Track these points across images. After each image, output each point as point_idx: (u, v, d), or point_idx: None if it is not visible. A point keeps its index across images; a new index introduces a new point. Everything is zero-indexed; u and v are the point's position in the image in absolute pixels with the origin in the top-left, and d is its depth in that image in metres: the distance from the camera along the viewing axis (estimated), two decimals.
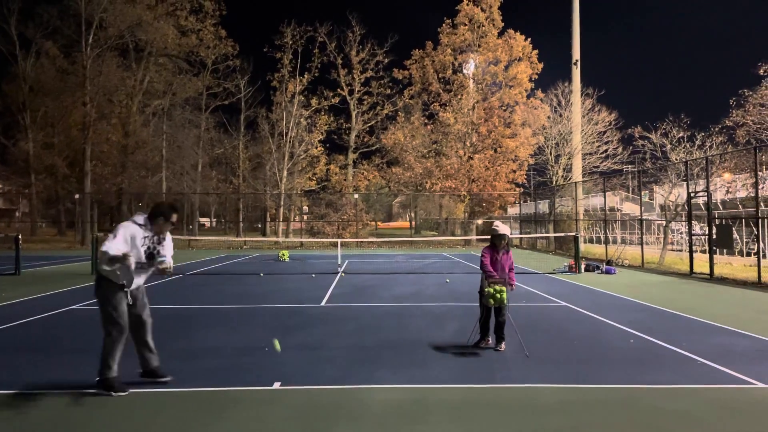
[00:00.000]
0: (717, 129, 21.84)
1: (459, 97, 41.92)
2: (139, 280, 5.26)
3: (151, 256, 5.19)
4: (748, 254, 22.66)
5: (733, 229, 18.14)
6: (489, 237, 6.98)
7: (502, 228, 6.87)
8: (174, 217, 5.31)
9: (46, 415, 4.60)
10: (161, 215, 5.23)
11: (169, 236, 5.46)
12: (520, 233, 36.70)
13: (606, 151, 34.06)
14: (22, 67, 40.25)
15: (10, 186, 46.90)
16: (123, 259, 4.87)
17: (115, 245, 4.89)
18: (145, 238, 5.15)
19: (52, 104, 39.68)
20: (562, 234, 24.91)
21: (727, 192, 22.86)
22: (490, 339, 6.91)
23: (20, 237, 17.21)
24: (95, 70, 36.63)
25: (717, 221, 17.42)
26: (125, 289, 5.14)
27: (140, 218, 5.22)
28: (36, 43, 40.36)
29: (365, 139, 46.86)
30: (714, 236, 15.87)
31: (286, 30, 41.94)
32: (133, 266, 4.97)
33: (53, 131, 40.90)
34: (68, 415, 4.59)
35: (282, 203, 40.82)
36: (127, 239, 5.02)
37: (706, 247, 17.44)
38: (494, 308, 6.71)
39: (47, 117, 41.43)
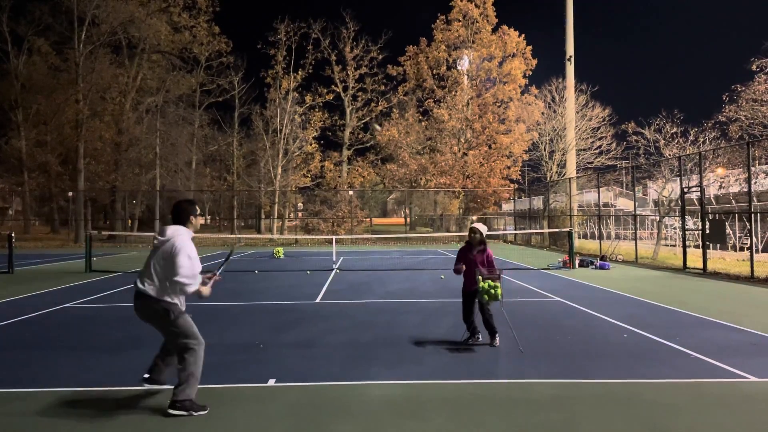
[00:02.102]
0: (710, 124, 21.97)
1: (453, 93, 41.93)
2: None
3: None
4: (741, 249, 22.79)
5: (726, 224, 18.22)
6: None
7: (477, 224, 6.93)
8: (198, 209, 4.91)
9: (42, 413, 4.58)
10: (189, 214, 4.78)
11: None
12: (515, 229, 36.77)
13: (600, 146, 34.20)
14: (14, 64, 39.96)
15: (3, 184, 46.60)
16: (199, 292, 4.53)
17: (192, 276, 4.43)
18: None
19: (45, 102, 39.40)
20: (557, 230, 24.95)
21: (720, 187, 22.96)
22: (479, 336, 6.91)
23: (13, 235, 17.13)
24: (88, 67, 36.41)
25: (710, 216, 17.49)
26: (180, 306, 4.68)
27: (182, 229, 4.67)
28: (28, 40, 40.06)
29: (359, 136, 46.84)
30: (707, 231, 15.94)
31: (280, 26, 41.81)
32: (208, 289, 4.66)
33: (46, 129, 40.60)
34: (64, 413, 4.57)
35: (276, 200, 40.75)
36: (194, 261, 4.53)
37: (700, 242, 17.52)
38: (479, 305, 6.70)
39: (40, 114, 41.14)
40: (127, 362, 6.10)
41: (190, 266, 4.47)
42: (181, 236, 4.58)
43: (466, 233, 7.15)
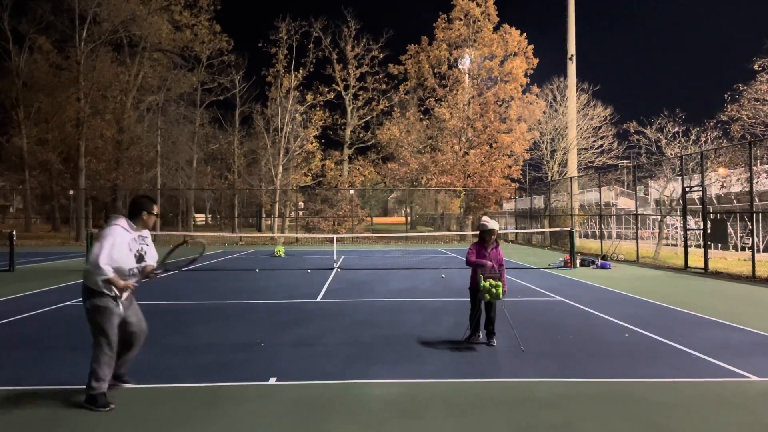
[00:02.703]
0: (712, 124, 21.92)
1: (454, 92, 41.88)
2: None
3: (141, 258, 4.83)
4: (743, 249, 22.76)
5: (728, 223, 18.19)
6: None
7: (492, 223, 6.83)
8: (156, 209, 4.95)
9: (41, 412, 4.58)
10: (143, 210, 4.84)
11: (147, 233, 5.04)
12: (516, 228, 36.76)
13: (601, 146, 34.20)
14: (16, 62, 39.95)
15: (4, 182, 46.63)
16: (111, 282, 4.54)
17: (104, 263, 4.49)
18: (131, 241, 4.74)
19: (46, 100, 39.43)
20: (558, 229, 24.93)
21: (722, 187, 22.92)
22: (480, 334, 6.91)
23: (14, 233, 17.14)
24: (89, 65, 36.41)
25: (712, 216, 17.47)
26: (117, 300, 4.70)
27: (123, 221, 4.77)
28: (29, 38, 40.05)
29: (360, 135, 46.82)
30: (709, 231, 15.92)
31: (281, 25, 41.77)
32: (122, 284, 4.63)
33: (47, 127, 40.59)
34: (64, 412, 4.57)
35: (277, 199, 40.74)
36: (114, 250, 4.58)
37: (701, 242, 17.50)
38: (485, 303, 6.71)
39: (41, 113, 41.16)
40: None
41: (103, 255, 4.50)
42: (112, 226, 4.68)
43: (467, 232, 7.12)
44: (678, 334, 7.35)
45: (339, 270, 16.51)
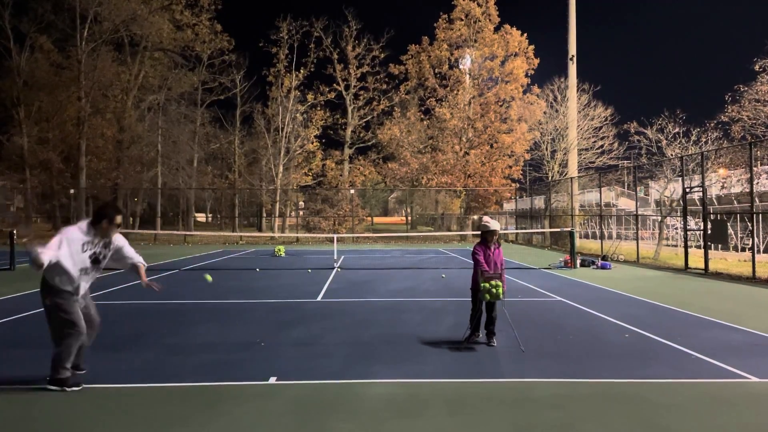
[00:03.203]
0: (712, 124, 21.92)
1: (455, 92, 41.88)
2: (85, 285, 5.16)
3: (97, 260, 5.11)
4: (743, 249, 22.75)
5: (728, 224, 18.20)
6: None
7: (493, 224, 6.90)
8: (118, 219, 5.15)
9: (41, 410, 4.59)
10: (104, 217, 5.09)
11: (121, 238, 5.38)
12: (516, 228, 36.76)
13: (602, 146, 34.18)
14: (16, 61, 39.91)
15: (5, 181, 46.59)
16: (38, 267, 4.72)
17: (45, 251, 4.72)
18: (86, 243, 5.02)
19: (47, 99, 39.40)
20: (558, 229, 24.93)
21: (722, 187, 22.94)
22: (480, 334, 6.92)
23: (15, 232, 17.14)
24: (90, 64, 36.42)
25: (712, 216, 17.46)
26: (74, 296, 5.01)
27: (83, 223, 5.13)
28: (30, 37, 40.00)
29: (361, 135, 46.81)
30: (709, 231, 15.92)
31: (282, 25, 41.81)
32: (74, 275, 4.94)
33: (48, 126, 40.57)
34: (63, 411, 4.57)
35: (278, 198, 40.76)
36: (61, 245, 4.87)
37: (701, 243, 17.49)
38: (487, 304, 6.73)
39: (42, 112, 41.13)
40: (127, 359, 6.11)
41: (51, 246, 4.81)
42: (65, 227, 5.09)
43: (467, 232, 7.15)
44: (678, 334, 7.36)
45: (339, 270, 16.52)
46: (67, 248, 4.90)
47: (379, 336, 7.35)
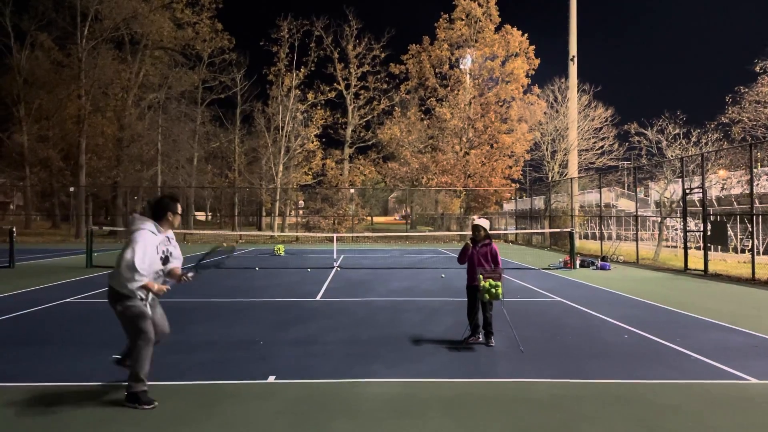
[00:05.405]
0: (713, 126, 21.89)
1: (455, 92, 41.90)
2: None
3: (166, 260, 4.74)
4: (743, 251, 22.76)
5: (728, 225, 18.19)
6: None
7: (478, 221, 7.01)
8: (180, 208, 4.82)
9: (40, 408, 4.58)
10: (167, 210, 4.73)
11: (171, 233, 4.93)
12: (516, 229, 36.75)
13: (602, 147, 34.16)
14: (17, 59, 39.96)
15: (5, 179, 46.61)
16: (146, 287, 4.46)
17: (140, 268, 4.39)
18: (159, 244, 4.63)
19: (47, 97, 39.43)
20: (558, 230, 24.92)
21: (722, 189, 22.91)
22: (479, 335, 6.91)
23: (15, 230, 17.14)
24: (90, 62, 36.41)
25: (712, 218, 17.47)
26: (144, 302, 4.65)
27: (149, 224, 4.62)
28: (31, 35, 40.04)
29: (361, 134, 46.83)
30: (709, 233, 15.91)
31: (283, 23, 41.85)
32: (156, 287, 4.60)
33: (48, 124, 40.62)
34: (62, 409, 4.56)
35: (278, 198, 40.76)
36: (147, 255, 4.48)
37: (701, 244, 17.49)
38: (482, 303, 6.72)
39: (42, 110, 41.17)
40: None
41: (137, 260, 4.39)
42: (141, 229, 4.54)
43: (467, 233, 7.17)
44: (677, 335, 7.35)
45: (339, 269, 16.52)
46: (150, 258, 4.50)
47: (378, 335, 7.35)
